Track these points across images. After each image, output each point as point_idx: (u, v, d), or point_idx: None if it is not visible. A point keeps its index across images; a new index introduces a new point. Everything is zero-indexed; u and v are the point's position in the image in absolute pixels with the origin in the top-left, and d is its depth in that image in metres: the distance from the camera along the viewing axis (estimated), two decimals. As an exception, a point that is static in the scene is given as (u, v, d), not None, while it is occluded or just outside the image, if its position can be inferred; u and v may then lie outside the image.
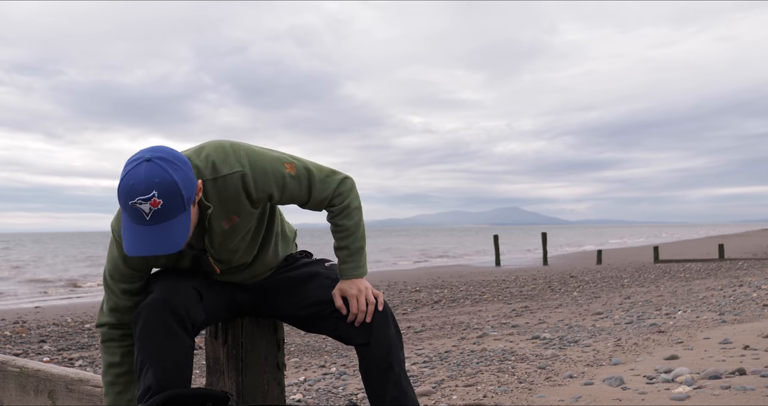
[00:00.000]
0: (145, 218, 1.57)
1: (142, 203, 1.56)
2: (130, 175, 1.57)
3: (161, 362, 1.72)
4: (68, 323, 9.77)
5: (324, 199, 1.89)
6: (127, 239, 1.61)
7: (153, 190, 1.55)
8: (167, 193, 1.57)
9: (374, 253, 39.81)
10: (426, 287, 14.61)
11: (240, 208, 1.79)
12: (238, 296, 1.99)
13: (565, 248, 42.54)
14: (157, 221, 1.58)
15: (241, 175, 1.75)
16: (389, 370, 1.86)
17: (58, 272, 25.65)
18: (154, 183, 1.56)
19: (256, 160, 1.78)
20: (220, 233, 1.80)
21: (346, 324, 1.89)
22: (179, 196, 1.59)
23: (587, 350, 5.03)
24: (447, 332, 7.63)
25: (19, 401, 2.47)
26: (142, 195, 1.55)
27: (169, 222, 1.59)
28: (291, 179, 1.82)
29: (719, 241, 31.83)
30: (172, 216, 1.59)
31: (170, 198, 1.58)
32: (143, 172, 1.57)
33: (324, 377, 5.02)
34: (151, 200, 1.56)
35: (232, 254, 1.87)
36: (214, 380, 2.04)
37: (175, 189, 1.58)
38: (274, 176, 1.79)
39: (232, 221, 1.80)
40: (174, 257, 1.86)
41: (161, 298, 1.75)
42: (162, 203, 1.57)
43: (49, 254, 42.94)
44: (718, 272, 15.48)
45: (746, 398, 3.13)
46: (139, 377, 1.77)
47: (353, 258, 1.93)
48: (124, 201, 1.58)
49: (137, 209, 1.56)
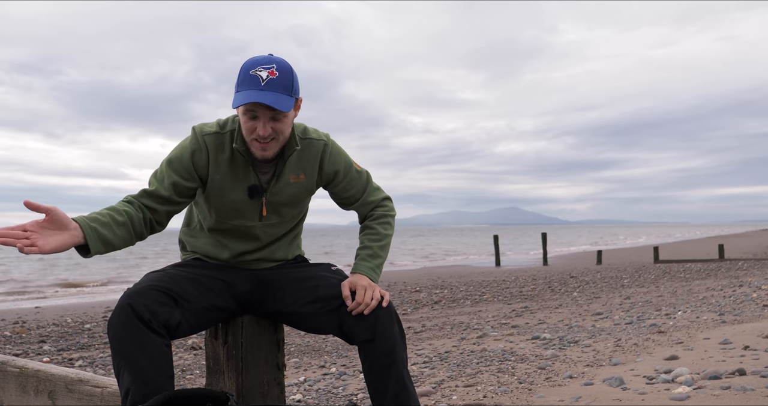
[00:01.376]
0: (261, 84, 1.81)
1: (261, 71, 1.82)
2: (255, 56, 1.88)
3: (135, 363, 1.76)
4: (68, 323, 9.77)
5: (372, 202, 2.13)
6: (242, 97, 1.81)
7: (273, 63, 1.85)
8: (284, 70, 1.85)
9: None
10: (426, 287, 14.61)
11: (311, 169, 2.01)
12: (238, 289, 2.00)
13: (565, 248, 42.55)
14: (270, 88, 1.81)
15: (324, 144, 2.02)
16: (392, 367, 1.87)
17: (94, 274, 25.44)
18: (275, 60, 1.86)
19: (335, 143, 2.06)
20: (284, 183, 1.99)
21: (351, 321, 1.90)
22: (291, 79, 1.86)
23: (587, 351, 5.03)
24: (447, 332, 7.63)
25: (19, 401, 2.47)
26: (263, 64, 1.84)
27: (280, 94, 1.82)
28: (356, 172, 2.09)
29: (719, 241, 31.83)
30: (282, 91, 1.83)
31: (284, 75, 1.84)
32: (267, 55, 1.88)
33: (324, 377, 5.02)
34: (270, 70, 1.83)
35: (279, 210, 2.02)
36: (214, 380, 2.04)
37: (290, 71, 1.87)
38: (345, 160, 2.07)
39: (299, 178, 2.01)
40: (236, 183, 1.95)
41: (124, 303, 1.80)
42: (278, 75, 1.83)
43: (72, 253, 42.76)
44: (718, 272, 15.48)
45: (746, 398, 3.13)
46: (118, 380, 1.81)
47: (373, 260, 2.05)
48: (245, 71, 1.84)
49: (256, 75, 1.82)
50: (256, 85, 1.80)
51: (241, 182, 1.96)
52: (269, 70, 1.82)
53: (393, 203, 2.19)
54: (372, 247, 2.08)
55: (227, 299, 1.99)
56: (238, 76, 1.85)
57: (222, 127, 1.96)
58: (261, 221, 2.01)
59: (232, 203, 1.97)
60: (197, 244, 2.10)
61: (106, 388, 2.15)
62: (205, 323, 1.97)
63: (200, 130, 1.95)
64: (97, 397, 2.16)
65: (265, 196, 1.98)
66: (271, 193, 1.98)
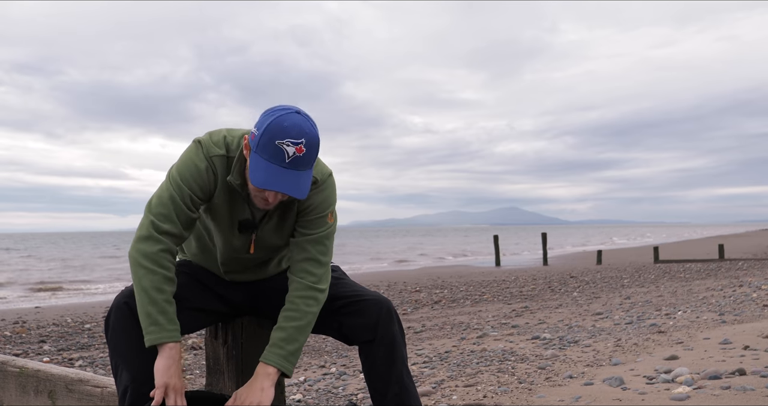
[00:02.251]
0: (285, 160, 1.65)
1: (289, 146, 1.65)
2: (284, 118, 1.67)
3: (133, 362, 1.76)
4: (68, 323, 9.77)
5: (309, 259, 1.87)
6: (260, 173, 1.67)
7: (303, 138, 1.66)
8: (311, 146, 1.68)
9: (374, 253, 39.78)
10: (426, 287, 14.60)
11: (294, 207, 1.88)
12: (231, 298, 2.00)
13: (565, 248, 42.54)
14: (293, 166, 1.66)
15: (313, 182, 1.83)
16: (392, 366, 1.87)
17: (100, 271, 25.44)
18: (305, 132, 1.66)
19: (329, 182, 1.90)
20: (276, 222, 1.89)
21: (351, 321, 1.90)
22: (316, 153, 1.71)
23: (587, 351, 5.03)
24: (447, 332, 7.62)
25: (19, 401, 2.47)
26: (292, 138, 1.65)
27: (302, 172, 1.69)
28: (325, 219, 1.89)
29: (719, 241, 31.82)
30: (304, 168, 1.69)
31: (311, 151, 1.68)
32: (297, 120, 1.67)
33: (324, 377, 5.02)
34: (298, 146, 1.65)
35: (268, 247, 1.94)
36: (214, 381, 2.04)
37: (317, 145, 1.70)
38: (325, 200, 1.89)
39: (286, 220, 1.90)
40: (230, 213, 1.87)
41: (120, 302, 1.81)
42: (305, 152, 1.66)
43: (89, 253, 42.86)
44: (718, 272, 15.48)
45: (746, 398, 3.13)
46: (115, 378, 1.81)
47: (287, 346, 1.83)
48: (270, 138, 1.65)
49: (282, 149, 1.64)
50: (280, 161, 1.65)
51: (234, 213, 1.87)
52: (297, 147, 1.65)
53: (329, 275, 1.91)
54: (287, 328, 1.83)
55: (220, 303, 1.99)
56: (262, 136, 1.66)
57: (227, 148, 1.82)
58: (247, 254, 1.94)
59: (222, 231, 1.90)
60: (190, 250, 2.07)
61: (106, 388, 2.15)
62: (201, 324, 1.97)
63: (207, 150, 1.81)
64: (97, 397, 2.16)
65: (256, 232, 1.90)
66: (263, 230, 1.90)
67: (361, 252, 40.57)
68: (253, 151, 1.70)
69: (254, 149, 1.69)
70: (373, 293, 1.95)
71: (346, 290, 1.95)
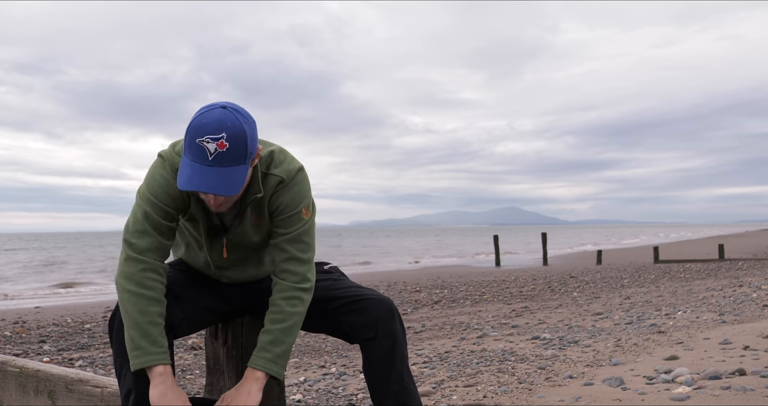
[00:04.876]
0: (208, 158, 1.60)
1: (209, 142, 1.59)
2: (203, 115, 1.62)
3: None
4: (68, 323, 9.77)
5: (290, 258, 1.83)
6: (185, 174, 1.62)
7: (223, 132, 1.59)
8: (235, 139, 1.60)
9: (374, 253, 39.77)
10: (426, 287, 14.60)
11: (265, 210, 1.84)
12: (230, 299, 1.99)
13: (565, 248, 42.53)
14: (218, 163, 1.60)
15: (279, 181, 1.81)
16: (392, 365, 1.86)
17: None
18: (225, 126, 1.60)
19: (299, 179, 1.83)
20: (246, 225, 1.85)
21: (352, 320, 1.89)
22: (244, 147, 1.62)
23: (587, 351, 5.03)
24: (447, 332, 7.62)
25: (19, 401, 2.47)
26: (211, 134, 1.59)
27: (229, 168, 1.61)
28: (298, 215, 1.84)
29: (719, 241, 31.82)
30: (232, 163, 1.61)
31: (236, 145, 1.61)
32: (217, 115, 1.61)
33: (324, 377, 5.02)
34: (218, 141, 1.59)
35: (241, 249, 1.91)
36: (214, 381, 2.04)
37: (242, 138, 1.61)
38: (296, 196, 1.83)
39: (260, 220, 1.86)
40: (195, 219, 1.84)
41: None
42: (227, 147, 1.59)
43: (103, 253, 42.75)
44: (718, 272, 15.48)
45: (746, 398, 3.13)
46: (119, 379, 1.79)
47: (274, 349, 1.79)
48: (191, 138, 1.61)
49: (203, 147, 1.59)
50: (203, 159, 1.60)
51: (207, 221, 1.86)
52: (218, 143, 1.59)
53: (313, 271, 1.87)
54: (273, 331, 1.79)
55: (221, 302, 1.98)
56: (185, 136, 1.64)
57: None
58: (225, 258, 1.92)
59: (198, 236, 1.89)
60: (182, 254, 2.06)
61: (106, 388, 2.15)
62: (203, 323, 1.96)
63: (171, 164, 1.77)
64: (97, 397, 2.16)
65: (227, 236, 1.88)
66: (234, 233, 1.87)
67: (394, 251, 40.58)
68: (183, 155, 1.66)
69: (183, 152, 1.66)
70: (373, 292, 1.95)
71: (347, 290, 1.94)
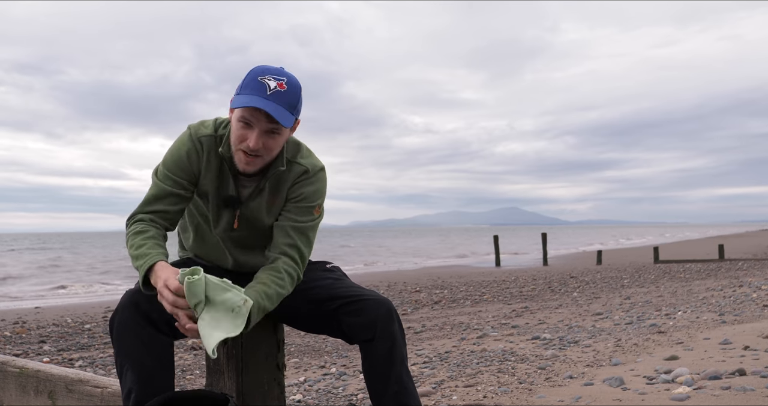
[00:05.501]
0: (266, 92, 1.73)
1: (270, 80, 1.75)
2: (266, 65, 1.80)
3: (139, 362, 1.75)
4: (68, 323, 9.77)
5: (289, 244, 1.89)
6: (244, 99, 1.74)
7: (285, 77, 1.77)
8: (293, 87, 1.78)
9: (374, 253, 39.78)
10: (426, 287, 14.60)
11: (284, 194, 1.93)
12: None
13: (565, 248, 42.54)
14: (275, 99, 1.74)
15: (304, 171, 1.92)
16: (391, 365, 1.86)
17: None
18: (287, 74, 1.79)
19: (321, 175, 1.95)
20: (261, 202, 1.93)
21: (351, 320, 1.89)
22: (298, 98, 1.79)
23: (587, 351, 5.04)
24: (447, 332, 7.62)
25: (19, 401, 2.47)
26: (275, 74, 1.76)
27: (283, 108, 1.75)
28: (312, 209, 1.93)
29: (719, 241, 31.82)
30: (286, 106, 1.76)
31: (293, 92, 1.77)
32: (280, 67, 1.80)
33: (324, 377, 5.02)
34: (280, 82, 1.75)
35: (251, 225, 1.97)
36: (214, 381, 2.04)
37: (299, 89, 1.79)
38: (316, 192, 1.93)
39: (274, 203, 1.94)
40: (206, 193, 1.92)
41: (129, 301, 1.79)
42: (286, 89, 1.75)
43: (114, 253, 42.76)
44: (718, 272, 15.48)
45: (746, 398, 3.13)
46: (120, 379, 1.79)
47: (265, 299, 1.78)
48: (253, 75, 1.76)
49: (264, 83, 1.74)
50: (262, 93, 1.73)
51: (221, 190, 1.92)
52: (279, 82, 1.74)
53: (301, 270, 1.92)
54: (271, 286, 1.80)
55: None
56: (244, 79, 1.77)
57: (216, 129, 1.91)
58: (232, 232, 1.97)
59: (208, 208, 1.95)
60: (190, 244, 2.09)
61: (106, 388, 2.15)
62: None
63: (196, 131, 1.91)
64: (97, 397, 2.16)
65: (240, 208, 1.93)
66: (246, 207, 1.93)
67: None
68: (236, 95, 1.78)
69: (237, 92, 1.77)
70: (373, 293, 1.95)
71: (347, 290, 1.94)
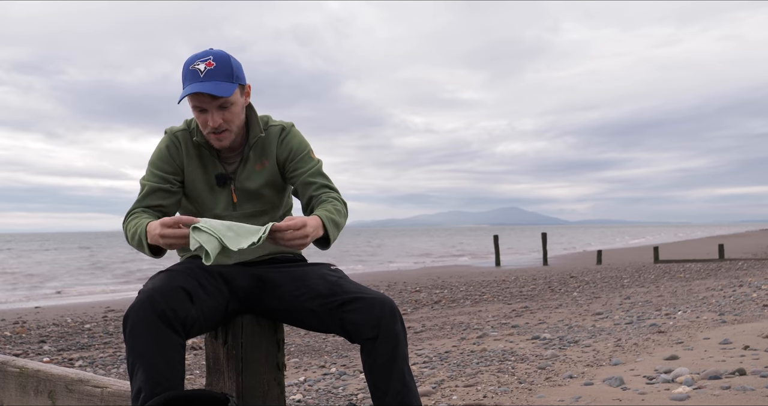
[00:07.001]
0: (200, 76, 1.90)
1: (198, 64, 1.91)
2: (193, 53, 1.98)
3: (150, 362, 1.73)
4: (68, 323, 9.77)
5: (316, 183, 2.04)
6: (185, 90, 1.90)
7: (210, 55, 1.94)
8: (221, 59, 1.93)
9: (374, 253, 39.78)
10: (426, 287, 14.60)
11: (272, 154, 2.08)
12: (238, 284, 1.99)
13: (565, 248, 42.54)
14: (209, 78, 1.90)
15: (281, 128, 2.10)
16: (394, 364, 1.87)
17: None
18: (211, 52, 1.96)
19: (295, 129, 2.14)
20: (251, 170, 2.07)
21: (354, 319, 1.89)
22: (229, 66, 1.94)
23: (587, 351, 5.04)
24: (447, 332, 7.63)
25: (19, 401, 2.47)
26: (201, 57, 1.93)
27: (220, 82, 1.91)
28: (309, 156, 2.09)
29: (719, 241, 31.82)
30: (222, 78, 1.91)
31: (222, 63, 1.92)
32: (206, 50, 1.98)
33: (324, 377, 5.02)
34: (206, 61, 1.92)
35: (251, 197, 2.07)
36: (214, 381, 2.04)
37: (227, 59, 1.94)
38: (300, 143, 2.10)
39: (263, 165, 2.07)
40: (205, 174, 2.06)
41: (145, 299, 1.77)
42: (215, 65, 1.91)
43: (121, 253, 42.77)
44: (718, 272, 15.48)
45: (746, 398, 3.14)
46: (131, 378, 1.78)
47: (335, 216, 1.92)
48: (186, 67, 1.93)
49: (194, 70, 1.91)
50: (196, 78, 1.90)
51: (209, 173, 2.06)
52: (206, 62, 1.91)
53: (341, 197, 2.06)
54: (338, 211, 1.95)
55: (230, 297, 1.98)
56: (182, 72, 1.94)
57: (188, 124, 2.10)
58: (235, 210, 2.06)
59: (204, 193, 2.06)
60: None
61: (106, 388, 2.15)
62: (214, 323, 1.96)
63: (171, 130, 2.10)
64: (97, 397, 2.16)
65: (233, 184, 2.06)
66: (239, 180, 2.06)
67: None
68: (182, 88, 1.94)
69: (182, 86, 1.93)
70: (375, 292, 1.95)
71: (349, 289, 1.95)
